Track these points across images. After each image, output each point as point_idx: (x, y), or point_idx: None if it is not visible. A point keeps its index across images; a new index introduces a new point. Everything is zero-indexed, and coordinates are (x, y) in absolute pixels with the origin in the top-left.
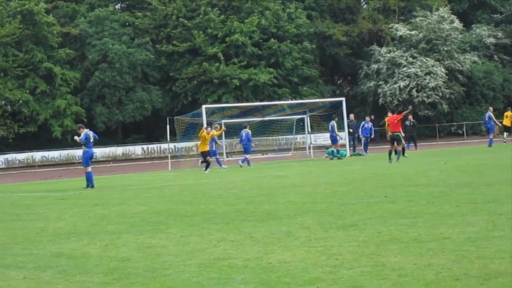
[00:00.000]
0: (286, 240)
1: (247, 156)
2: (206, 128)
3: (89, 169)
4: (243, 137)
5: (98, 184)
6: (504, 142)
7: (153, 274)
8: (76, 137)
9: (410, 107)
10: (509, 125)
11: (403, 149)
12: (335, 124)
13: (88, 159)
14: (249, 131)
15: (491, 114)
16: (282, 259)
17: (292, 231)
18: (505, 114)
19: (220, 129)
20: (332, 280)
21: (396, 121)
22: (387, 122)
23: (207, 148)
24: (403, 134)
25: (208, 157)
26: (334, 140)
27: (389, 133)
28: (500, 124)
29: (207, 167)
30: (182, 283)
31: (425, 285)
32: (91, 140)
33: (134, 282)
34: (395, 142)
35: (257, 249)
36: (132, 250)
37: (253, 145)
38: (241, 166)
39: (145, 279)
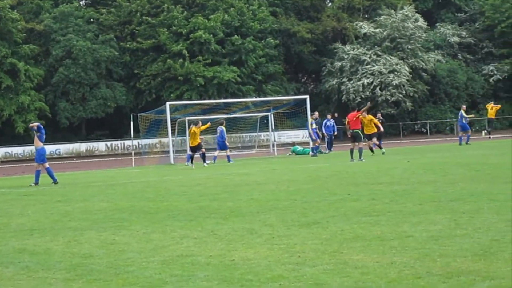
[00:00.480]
0: (249, 237)
1: (226, 153)
2: (196, 124)
3: (47, 165)
4: (218, 134)
5: (61, 181)
6: (489, 138)
7: (116, 271)
8: (36, 125)
9: (369, 102)
10: (493, 117)
11: (379, 146)
12: (313, 121)
13: (44, 155)
14: (224, 128)
15: (463, 112)
16: (245, 256)
17: (255, 228)
18: (489, 106)
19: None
20: (294, 277)
21: (355, 118)
22: (347, 120)
23: (198, 141)
24: (382, 129)
25: (200, 150)
26: (311, 137)
27: (349, 131)
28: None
29: (204, 159)
30: (145, 280)
31: (387, 283)
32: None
33: (96, 278)
34: (355, 140)
35: (220, 246)
36: (95, 247)
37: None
38: (213, 162)
39: (107, 276)
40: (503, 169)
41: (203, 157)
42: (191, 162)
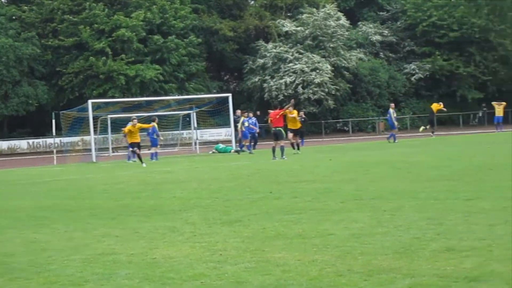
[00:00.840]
0: (171, 235)
1: (153, 149)
2: (132, 121)
3: None
4: (150, 131)
5: None
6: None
7: (37, 269)
8: None
9: (292, 100)
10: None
11: (297, 144)
12: (246, 120)
13: None
14: (156, 125)
15: (392, 110)
16: (166, 254)
17: (177, 226)
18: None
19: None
20: (216, 275)
21: (278, 116)
22: (269, 118)
23: (138, 139)
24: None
25: (136, 148)
26: (244, 135)
27: (272, 129)
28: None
29: (140, 159)
30: (66, 278)
31: (308, 281)
32: None
33: (18, 277)
34: (278, 138)
35: (142, 245)
36: (16, 245)
37: (161, 138)
38: (134, 161)
39: (29, 274)
40: (424, 167)
41: (136, 156)
42: (140, 160)
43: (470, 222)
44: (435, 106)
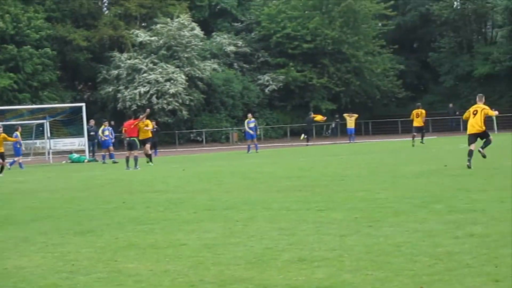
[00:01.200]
0: (23, 245)
1: (16, 159)
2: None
3: None
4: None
5: None
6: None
7: None
8: None
9: (148, 110)
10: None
11: (150, 156)
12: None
13: None
14: (19, 134)
15: (251, 120)
16: (18, 264)
17: (29, 236)
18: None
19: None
20: (68, 286)
21: (132, 126)
22: (123, 128)
23: (2, 149)
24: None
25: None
26: (104, 143)
27: (126, 139)
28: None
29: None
30: None
31: None
32: None
33: None
34: (131, 148)
35: None
36: None
37: (23, 148)
38: (9, 168)
39: None
40: (276, 177)
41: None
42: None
43: (321, 232)
44: (319, 118)
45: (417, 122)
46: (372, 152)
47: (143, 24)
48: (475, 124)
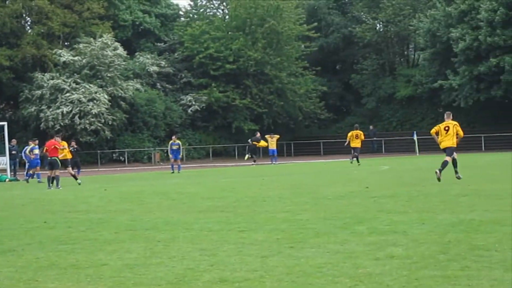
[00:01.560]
0: None
1: None
2: None
3: None
4: None
5: None
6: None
7: None
8: None
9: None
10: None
11: (74, 175)
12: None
13: None
14: None
15: (175, 143)
16: None
17: None
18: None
19: None
20: None
21: (53, 147)
22: (45, 148)
23: None
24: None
25: None
26: (32, 162)
27: (48, 158)
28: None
29: None
30: None
31: None
32: None
33: None
34: (53, 167)
35: None
36: None
37: None
38: None
39: None
40: (198, 198)
41: None
42: None
43: (243, 253)
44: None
45: (356, 143)
46: (294, 173)
47: (66, 43)
48: (448, 139)
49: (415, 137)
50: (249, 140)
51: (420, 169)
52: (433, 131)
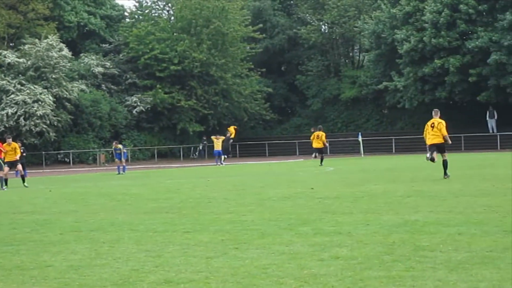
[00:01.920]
0: None
1: None
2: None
3: None
4: None
5: None
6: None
7: None
8: None
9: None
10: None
11: (22, 177)
12: None
13: None
14: None
15: (117, 148)
16: None
17: None
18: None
19: None
20: None
21: None
22: None
23: None
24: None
25: None
26: None
27: None
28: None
29: None
30: None
31: None
32: None
33: None
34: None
35: None
36: None
37: None
38: None
39: None
40: (143, 199)
41: None
42: None
43: (188, 254)
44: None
45: (317, 144)
46: (239, 175)
47: (11, 44)
48: (434, 135)
49: (360, 138)
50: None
51: (365, 170)
52: (424, 133)
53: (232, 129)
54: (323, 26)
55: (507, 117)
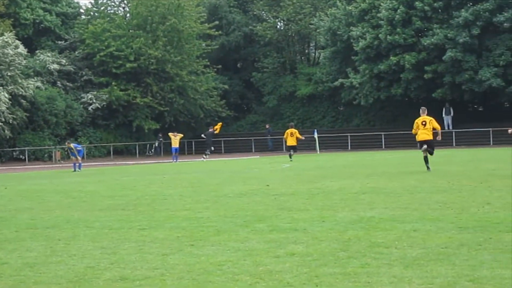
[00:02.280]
0: None
1: None
2: None
3: None
4: None
5: None
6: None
7: None
8: None
9: None
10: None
11: None
12: None
13: None
14: None
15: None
16: None
17: None
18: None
19: None
20: None
21: None
22: None
23: None
24: None
25: None
26: None
27: None
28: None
29: None
30: None
31: None
32: None
33: None
34: None
35: None
36: None
37: None
38: None
39: None
40: (99, 196)
41: None
42: None
43: (143, 251)
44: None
45: (291, 141)
46: (195, 172)
47: None
48: (425, 133)
49: (315, 135)
50: (203, 135)
51: (321, 167)
52: (413, 130)
53: (218, 125)
54: (279, 23)
55: (463, 114)
